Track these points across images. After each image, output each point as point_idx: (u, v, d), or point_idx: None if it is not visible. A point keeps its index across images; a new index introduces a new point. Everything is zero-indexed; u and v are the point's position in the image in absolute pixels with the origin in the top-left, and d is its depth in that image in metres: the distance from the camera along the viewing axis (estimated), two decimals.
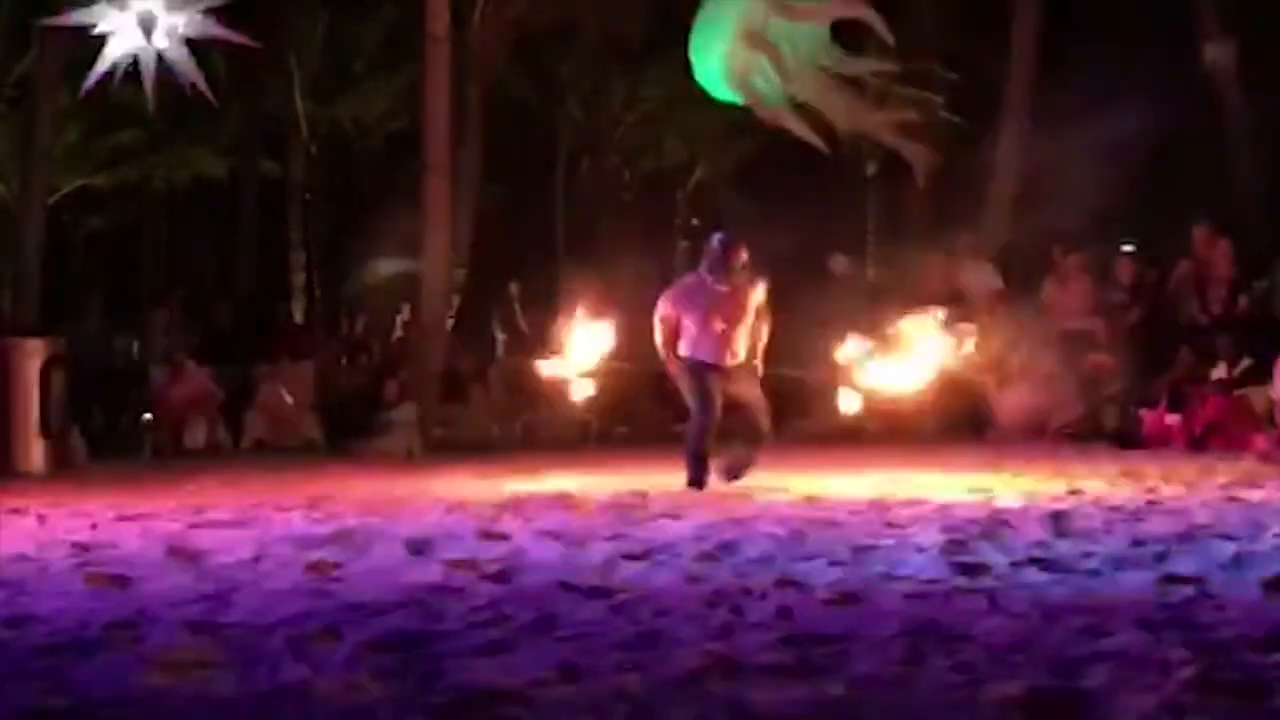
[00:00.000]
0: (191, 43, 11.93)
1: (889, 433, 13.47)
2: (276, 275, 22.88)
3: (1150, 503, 7.71)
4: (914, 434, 13.50)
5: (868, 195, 21.16)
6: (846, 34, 11.25)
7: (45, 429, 12.00)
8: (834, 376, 10.05)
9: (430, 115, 15.43)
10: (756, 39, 9.76)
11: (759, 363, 9.38)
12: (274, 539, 6.45)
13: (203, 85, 12.03)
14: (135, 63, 11.78)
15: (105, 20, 11.71)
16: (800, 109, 10.12)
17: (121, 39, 11.69)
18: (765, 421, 9.29)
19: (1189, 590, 4.77)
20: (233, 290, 20.75)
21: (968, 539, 6.19)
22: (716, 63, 9.94)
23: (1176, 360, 13.35)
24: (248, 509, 8.11)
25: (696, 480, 8.92)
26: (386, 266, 21.11)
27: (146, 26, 11.63)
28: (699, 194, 25.13)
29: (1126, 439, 12.86)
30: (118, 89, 12.94)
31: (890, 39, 10.64)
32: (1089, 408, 13.66)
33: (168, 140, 21.60)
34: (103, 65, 11.78)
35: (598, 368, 10.29)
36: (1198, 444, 12.31)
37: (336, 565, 5.64)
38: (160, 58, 11.75)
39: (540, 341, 12.72)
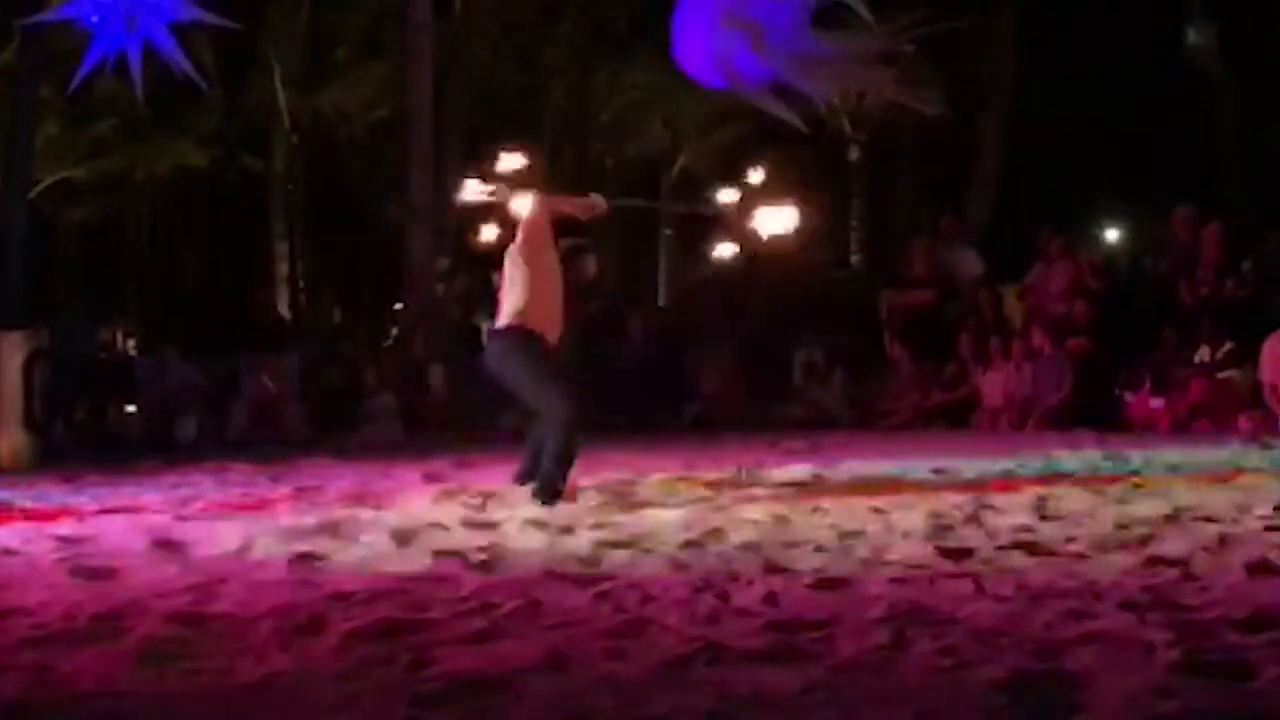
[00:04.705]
0: (176, 30, 11.86)
1: (870, 419, 13.48)
2: (260, 266, 22.83)
3: (1134, 485, 7.73)
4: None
5: (852, 180, 21.18)
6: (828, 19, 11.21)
7: (29, 422, 11.97)
8: None
9: (413, 103, 15.41)
10: (738, 19, 9.72)
11: None
12: (260, 530, 6.44)
13: (191, 71, 11.97)
14: (121, 55, 11.71)
15: (88, 14, 11.64)
16: (781, 89, 10.08)
17: (107, 32, 11.63)
18: None
19: (1173, 572, 4.79)
20: (216, 282, 20.70)
21: (952, 523, 6.20)
22: (698, 45, 9.89)
23: (1160, 343, 13.39)
24: (233, 500, 8.10)
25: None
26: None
27: (131, 17, 11.56)
28: (682, 181, 25.12)
29: (1110, 422, 12.89)
30: (98, 81, 12.88)
31: (870, 20, 10.62)
32: (1073, 391, 13.68)
33: (149, 132, 21.53)
34: (90, 61, 11.70)
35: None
36: (1182, 426, 12.36)
37: (323, 556, 5.64)
38: (147, 48, 11.69)
39: None
